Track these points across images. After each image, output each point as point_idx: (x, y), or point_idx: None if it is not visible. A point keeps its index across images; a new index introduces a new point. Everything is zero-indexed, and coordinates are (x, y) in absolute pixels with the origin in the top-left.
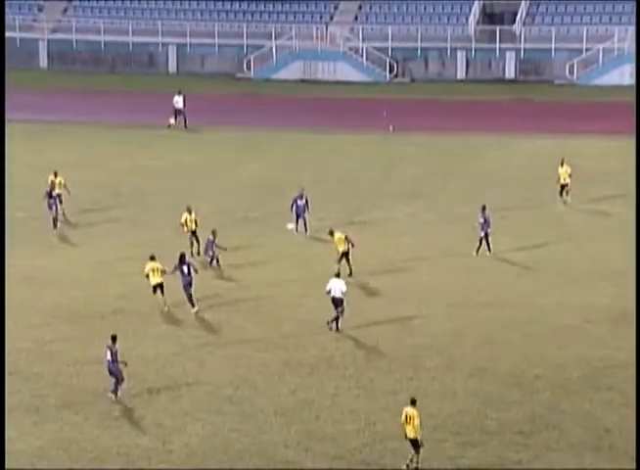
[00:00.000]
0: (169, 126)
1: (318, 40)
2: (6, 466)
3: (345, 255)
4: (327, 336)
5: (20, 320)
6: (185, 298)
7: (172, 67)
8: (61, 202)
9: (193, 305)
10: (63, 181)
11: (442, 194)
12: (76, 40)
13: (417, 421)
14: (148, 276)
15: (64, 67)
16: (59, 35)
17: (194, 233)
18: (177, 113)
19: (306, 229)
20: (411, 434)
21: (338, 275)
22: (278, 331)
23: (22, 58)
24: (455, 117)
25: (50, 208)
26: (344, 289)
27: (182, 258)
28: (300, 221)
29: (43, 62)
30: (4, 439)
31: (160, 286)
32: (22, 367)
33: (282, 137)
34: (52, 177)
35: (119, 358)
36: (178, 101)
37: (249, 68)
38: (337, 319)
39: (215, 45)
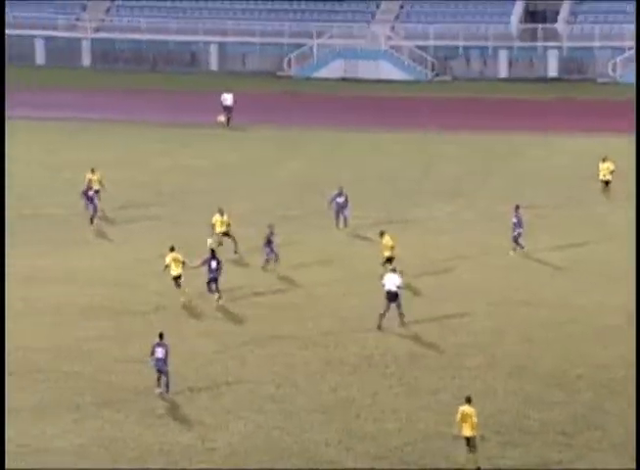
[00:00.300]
0: (220, 123)
1: (359, 39)
2: (47, 464)
3: (390, 261)
4: (368, 334)
5: (59, 318)
6: (204, 290)
7: (214, 65)
8: (99, 199)
9: (219, 296)
10: (100, 178)
11: (483, 192)
12: (119, 39)
13: (475, 419)
14: (167, 267)
15: (106, 65)
16: (102, 34)
17: (226, 234)
18: (226, 110)
19: (346, 226)
20: (468, 432)
21: (394, 270)
22: (319, 329)
23: (65, 57)
24: (497, 116)
25: (87, 205)
26: (399, 282)
27: (212, 252)
28: (341, 219)
29: (86, 61)
30: (4, 438)
31: (179, 277)
32: (63, 365)
33: (322, 135)
34: (89, 174)
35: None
36: (226, 98)
37: (289, 66)
38: (400, 315)
39: (257, 44)
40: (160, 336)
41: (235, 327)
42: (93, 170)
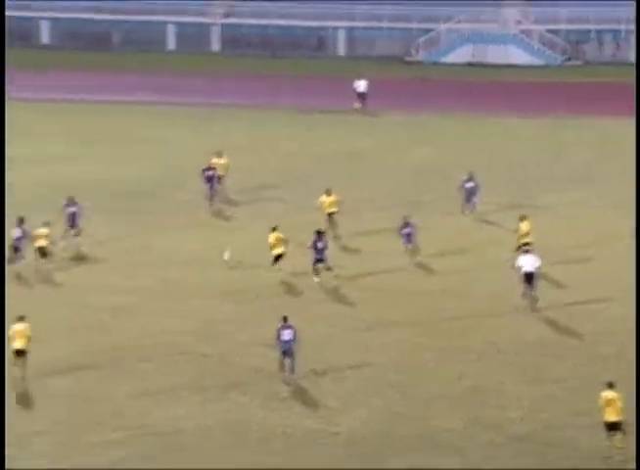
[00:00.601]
0: (357, 110)
1: (488, 23)
2: (172, 445)
3: (525, 248)
4: (494, 320)
5: (189, 301)
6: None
7: (341, 50)
8: (220, 183)
9: (333, 275)
10: (226, 162)
11: (614, 179)
12: (247, 25)
13: (619, 404)
14: (274, 246)
15: (235, 51)
16: (231, 20)
17: (331, 215)
18: (360, 96)
19: (472, 212)
20: (612, 417)
21: (527, 250)
22: (444, 316)
23: (194, 42)
24: (631, 101)
25: (208, 188)
26: (538, 264)
27: (319, 234)
28: (469, 205)
29: (216, 46)
30: (4, 438)
31: (281, 256)
32: (191, 347)
33: (451, 121)
34: (215, 158)
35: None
36: (360, 85)
37: (417, 51)
38: (533, 299)
39: (385, 28)
40: (285, 319)
41: (360, 312)
42: (220, 154)
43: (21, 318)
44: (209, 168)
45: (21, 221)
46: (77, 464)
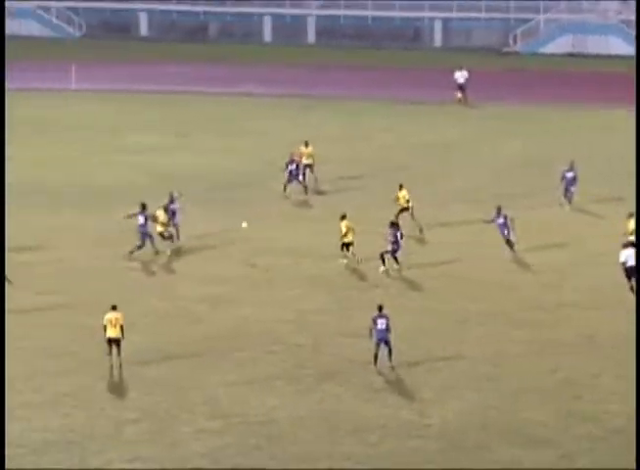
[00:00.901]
0: (458, 101)
1: (588, 13)
2: (265, 434)
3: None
4: (589, 313)
5: (283, 291)
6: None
7: (437, 41)
8: (312, 172)
9: (383, 264)
10: (312, 152)
11: None
12: (343, 16)
13: None
14: (345, 235)
15: (331, 42)
16: (327, 11)
17: (405, 209)
18: (460, 88)
19: (570, 203)
20: None
21: (632, 244)
22: (539, 308)
23: (290, 34)
24: None
25: (290, 179)
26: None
27: (394, 225)
28: (567, 195)
29: (311, 37)
30: (4, 438)
31: (351, 244)
32: (285, 337)
33: (548, 112)
34: (302, 148)
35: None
36: (459, 77)
37: (515, 42)
38: (632, 289)
39: (482, 19)
40: (380, 308)
41: (455, 305)
42: (307, 143)
43: (114, 307)
44: (292, 161)
45: (143, 208)
46: (170, 453)
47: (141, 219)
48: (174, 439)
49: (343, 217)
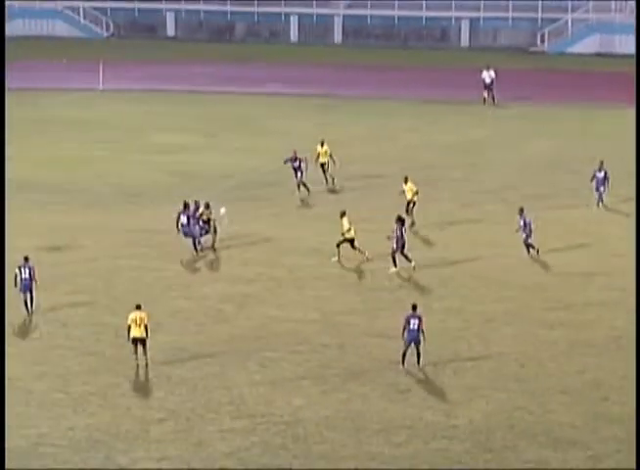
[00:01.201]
0: (484, 101)
1: (616, 13)
2: (291, 434)
3: None
4: (616, 315)
5: (309, 291)
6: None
7: (464, 41)
8: (327, 170)
9: (394, 264)
10: (328, 151)
11: None
12: (370, 15)
13: None
14: (348, 231)
15: (357, 42)
16: (353, 11)
17: (411, 203)
18: (486, 88)
19: (599, 204)
20: None
21: None
22: (565, 309)
23: (317, 33)
24: None
25: (296, 174)
26: None
27: (399, 219)
28: (597, 194)
29: (337, 37)
30: (4, 437)
31: (353, 240)
32: (311, 337)
33: (575, 112)
34: (318, 146)
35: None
36: (486, 76)
37: (542, 41)
38: None
39: (509, 19)
40: (414, 307)
41: (479, 305)
42: (322, 142)
43: (138, 307)
44: (295, 159)
45: (185, 207)
46: (195, 453)
47: (183, 219)
48: (200, 438)
49: (344, 214)
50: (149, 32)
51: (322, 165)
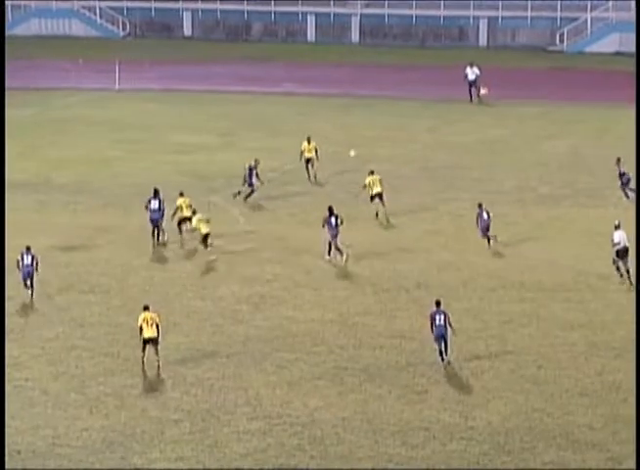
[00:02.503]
0: (471, 100)
1: (636, 11)
2: (308, 435)
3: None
4: (633, 317)
5: (326, 292)
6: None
7: (483, 40)
8: (312, 166)
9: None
10: (315, 147)
11: None
12: (388, 15)
13: None
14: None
15: (374, 41)
16: (371, 10)
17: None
18: (471, 85)
19: (627, 198)
20: None
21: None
22: (583, 311)
23: (333, 33)
24: None
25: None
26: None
27: (330, 210)
28: (625, 193)
29: (355, 37)
30: (4, 437)
31: (380, 195)
32: (328, 338)
33: (592, 113)
34: (305, 143)
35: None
36: (469, 73)
37: (561, 40)
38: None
39: (528, 18)
40: (438, 303)
41: (498, 306)
42: (309, 139)
43: (146, 307)
44: (253, 166)
45: (155, 193)
46: (211, 454)
47: (154, 205)
48: (216, 439)
49: (372, 173)
50: (165, 32)
51: (307, 161)
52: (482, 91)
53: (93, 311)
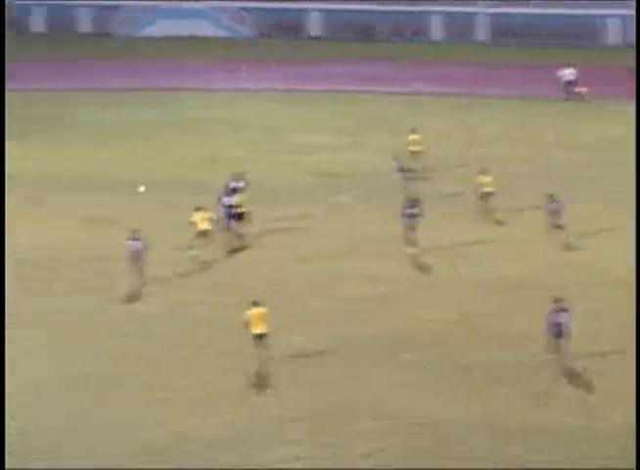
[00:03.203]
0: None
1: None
2: (433, 433)
3: None
4: None
5: (445, 292)
6: None
7: (611, 39)
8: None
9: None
10: (419, 138)
11: None
12: (515, 13)
13: None
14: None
15: (503, 40)
16: (498, 9)
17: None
18: (567, 84)
19: None
20: None
21: None
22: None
23: (461, 31)
24: None
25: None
26: None
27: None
28: None
29: (483, 35)
30: (4, 436)
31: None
32: (450, 338)
33: None
34: (411, 135)
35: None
36: (566, 74)
37: None
38: None
39: None
40: (558, 301)
41: (622, 308)
42: (415, 131)
43: (255, 303)
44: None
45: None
46: (332, 454)
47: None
48: (336, 439)
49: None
50: (292, 32)
51: (413, 153)
52: (581, 90)
53: (207, 309)
